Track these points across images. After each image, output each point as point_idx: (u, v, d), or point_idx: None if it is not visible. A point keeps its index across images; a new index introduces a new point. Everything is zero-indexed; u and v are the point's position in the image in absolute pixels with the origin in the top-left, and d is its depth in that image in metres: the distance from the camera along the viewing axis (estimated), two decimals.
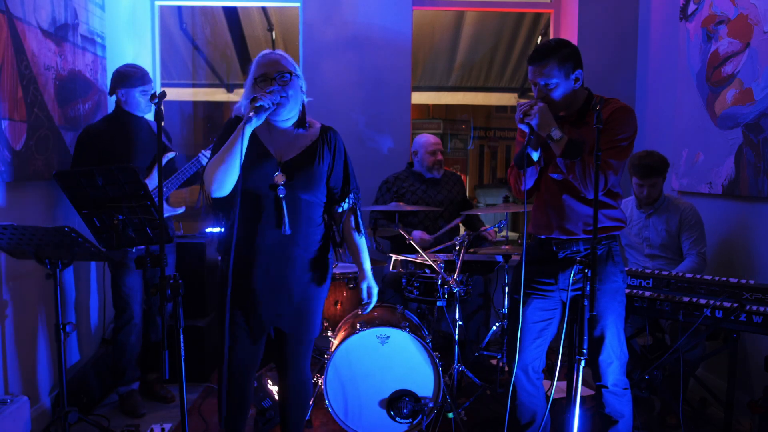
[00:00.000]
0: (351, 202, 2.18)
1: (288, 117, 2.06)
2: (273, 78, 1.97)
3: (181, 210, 3.12)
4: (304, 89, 2.10)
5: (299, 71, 2.06)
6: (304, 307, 2.11)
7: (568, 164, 2.01)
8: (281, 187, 1.99)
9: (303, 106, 2.10)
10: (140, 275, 3.01)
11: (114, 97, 3.01)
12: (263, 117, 1.90)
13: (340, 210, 2.17)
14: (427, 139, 3.75)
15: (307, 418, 2.79)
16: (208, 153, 2.87)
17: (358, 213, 2.20)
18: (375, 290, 2.24)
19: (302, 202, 2.04)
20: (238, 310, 2.05)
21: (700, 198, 3.27)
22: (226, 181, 1.92)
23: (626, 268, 2.79)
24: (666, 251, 3.06)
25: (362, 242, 2.22)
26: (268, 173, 2.01)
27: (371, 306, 2.25)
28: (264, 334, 2.13)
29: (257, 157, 2.02)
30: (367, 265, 2.24)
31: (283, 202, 1.99)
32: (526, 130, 2.00)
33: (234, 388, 2.13)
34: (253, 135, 2.03)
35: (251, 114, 1.86)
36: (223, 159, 1.91)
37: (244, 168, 1.96)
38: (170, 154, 3.07)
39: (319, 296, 2.16)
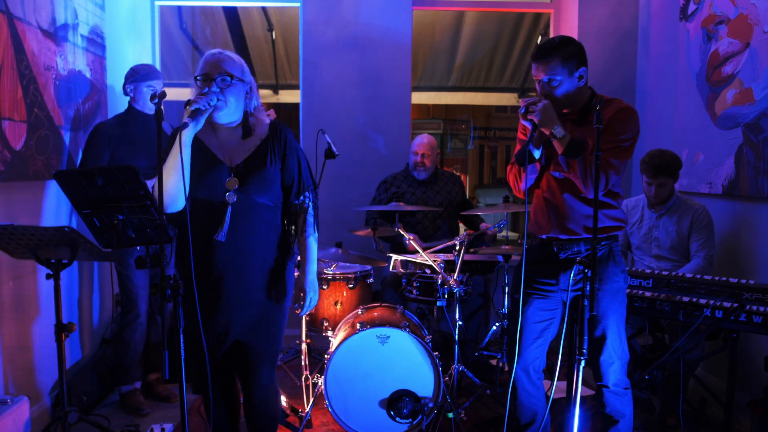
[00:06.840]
0: (307, 200, 2.07)
1: (230, 120, 1.98)
2: (213, 79, 1.89)
3: None
4: (253, 95, 2.00)
5: (248, 76, 1.98)
6: (265, 317, 2.02)
7: (569, 162, 2.01)
8: (232, 192, 1.92)
9: (247, 113, 1.99)
10: (146, 273, 3.02)
11: (127, 99, 3.05)
12: (201, 121, 1.81)
13: (297, 202, 2.06)
14: (417, 139, 3.79)
15: (307, 419, 2.79)
16: None
17: (311, 212, 2.08)
18: (310, 296, 2.12)
19: (259, 206, 1.97)
20: (197, 318, 1.90)
21: (700, 198, 3.27)
22: (179, 195, 1.84)
23: (634, 269, 2.80)
24: (674, 253, 3.05)
25: (312, 245, 2.10)
26: (220, 180, 1.93)
27: (305, 311, 2.14)
28: (226, 341, 2.02)
29: (206, 164, 1.94)
30: (311, 268, 2.11)
31: (229, 208, 1.92)
32: (529, 126, 2.00)
33: (202, 393, 2.06)
34: (199, 141, 1.96)
35: (186, 119, 1.77)
36: (169, 173, 1.82)
37: (195, 177, 1.90)
38: None
39: (282, 305, 2.06)
